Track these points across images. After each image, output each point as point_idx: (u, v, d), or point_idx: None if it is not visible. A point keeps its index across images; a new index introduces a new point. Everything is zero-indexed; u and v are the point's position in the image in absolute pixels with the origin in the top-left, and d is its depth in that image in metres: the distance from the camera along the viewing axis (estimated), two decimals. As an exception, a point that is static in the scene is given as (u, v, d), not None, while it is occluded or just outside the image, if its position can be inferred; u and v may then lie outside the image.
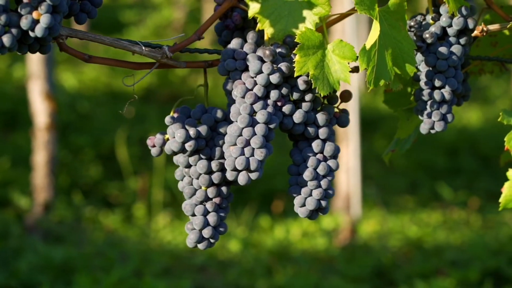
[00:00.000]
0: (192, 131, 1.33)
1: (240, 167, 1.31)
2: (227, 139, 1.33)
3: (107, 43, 1.31)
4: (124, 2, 10.75)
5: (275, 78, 1.31)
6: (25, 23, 1.18)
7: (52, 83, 4.73)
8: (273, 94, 1.33)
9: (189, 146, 1.33)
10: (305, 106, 1.36)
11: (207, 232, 1.38)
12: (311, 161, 1.37)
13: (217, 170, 1.35)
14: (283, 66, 1.32)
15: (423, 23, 1.45)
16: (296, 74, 1.30)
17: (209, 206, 1.38)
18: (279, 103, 1.34)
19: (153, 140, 1.38)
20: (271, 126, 1.32)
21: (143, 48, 1.32)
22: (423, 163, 6.62)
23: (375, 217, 5.30)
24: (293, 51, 1.31)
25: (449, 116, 1.45)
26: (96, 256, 4.25)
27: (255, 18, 1.34)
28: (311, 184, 1.37)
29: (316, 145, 1.38)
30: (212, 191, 1.37)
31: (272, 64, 1.32)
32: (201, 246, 1.39)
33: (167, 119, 1.37)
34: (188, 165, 1.36)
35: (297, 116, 1.35)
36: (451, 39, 1.43)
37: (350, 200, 4.95)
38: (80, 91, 7.47)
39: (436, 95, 1.44)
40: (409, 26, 1.46)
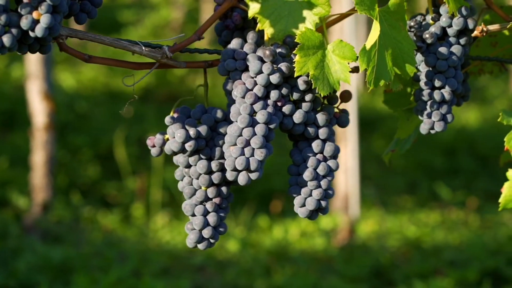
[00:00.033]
0: (192, 131, 1.33)
1: (240, 167, 1.31)
2: (227, 139, 1.32)
3: (107, 43, 1.31)
4: (122, 2, 10.75)
5: (275, 78, 1.31)
6: (25, 23, 1.18)
7: (51, 83, 4.73)
8: (273, 94, 1.33)
9: (189, 146, 1.33)
10: (305, 106, 1.36)
11: (207, 232, 1.38)
12: (311, 161, 1.37)
13: (217, 170, 1.35)
14: (283, 66, 1.32)
15: (423, 23, 1.45)
16: (296, 74, 1.30)
17: (209, 206, 1.38)
18: (279, 103, 1.34)
19: (153, 140, 1.37)
20: (271, 126, 1.32)
21: (143, 48, 1.32)
22: (422, 163, 6.62)
23: (374, 217, 5.30)
24: (293, 51, 1.31)
25: (449, 116, 1.45)
26: (95, 256, 4.25)
27: (255, 18, 1.34)
28: (311, 184, 1.37)
29: (316, 145, 1.38)
30: (212, 191, 1.37)
31: (272, 64, 1.32)
32: (201, 246, 1.39)
33: (167, 119, 1.37)
34: (188, 165, 1.36)
35: (297, 116, 1.35)
36: (451, 39, 1.43)
37: (349, 200, 4.95)
38: (78, 91, 7.46)
39: (436, 95, 1.44)
40: (409, 26, 1.46)
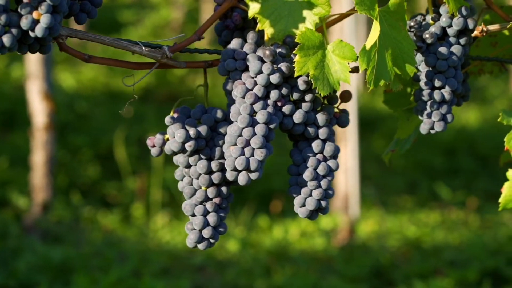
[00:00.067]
0: (192, 131, 1.33)
1: (240, 167, 1.31)
2: (227, 139, 1.32)
3: (107, 43, 1.31)
4: (122, 2, 10.75)
5: (275, 78, 1.31)
6: (25, 23, 1.18)
7: (51, 83, 4.73)
8: (273, 94, 1.33)
9: (189, 146, 1.33)
10: (305, 106, 1.35)
11: (207, 232, 1.38)
12: (311, 161, 1.37)
13: (217, 170, 1.35)
14: (283, 66, 1.32)
15: (423, 23, 1.45)
16: (296, 74, 1.30)
17: (209, 206, 1.38)
18: (279, 103, 1.34)
19: (153, 140, 1.37)
20: (271, 126, 1.32)
21: (143, 48, 1.32)
22: (422, 163, 6.62)
23: (374, 217, 5.30)
24: (293, 51, 1.31)
25: (449, 116, 1.45)
26: (95, 256, 4.25)
27: (255, 18, 1.34)
28: (311, 184, 1.37)
29: (316, 145, 1.37)
30: (212, 191, 1.37)
31: (272, 64, 1.32)
32: (201, 246, 1.39)
33: (167, 119, 1.37)
34: (188, 165, 1.36)
35: (297, 116, 1.35)
36: (451, 39, 1.43)
37: (349, 200, 4.95)
38: (78, 91, 7.46)
39: (436, 95, 1.44)
40: (409, 26, 1.45)
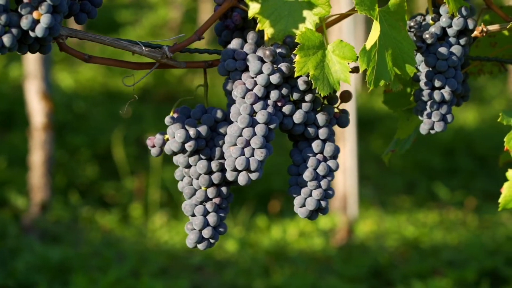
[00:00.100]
0: (192, 131, 1.33)
1: (240, 168, 1.31)
2: (227, 139, 1.32)
3: (107, 43, 1.31)
4: (120, 2, 10.74)
5: (275, 79, 1.31)
6: (26, 23, 1.18)
7: (49, 83, 4.72)
8: (273, 95, 1.33)
9: (189, 146, 1.33)
10: (305, 107, 1.35)
11: (207, 233, 1.38)
12: (311, 162, 1.37)
13: (217, 171, 1.35)
14: (283, 67, 1.32)
15: (423, 24, 1.45)
16: (296, 75, 1.30)
17: (209, 207, 1.38)
18: (279, 104, 1.34)
19: (153, 140, 1.37)
20: (271, 127, 1.32)
21: (143, 48, 1.32)
22: (420, 163, 6.62)
23: (372, 217, 5.30)
24: (293, 52, 1.31)
25: (449, 117, 1.45)
26: (93, 256, 4.25)
27: (255, 18, 1.34)
28: (311, 185, 1.37)
29: (316, 146, 1.37)
30: (212, 191, 1.37)
31: (272, 65, 1.32)
32: (201, 247, 1.39)
33: (167, 119, 1.37)
34: (188, 165, 1.36)
35: (297, 117, 1.35)
36: (451, 40, 1.43)
37: (347, 200, 4.95)
38: (77, 91, 7.46)
39: (436, 96, 1.44)
40: (409, 27, 1.46)
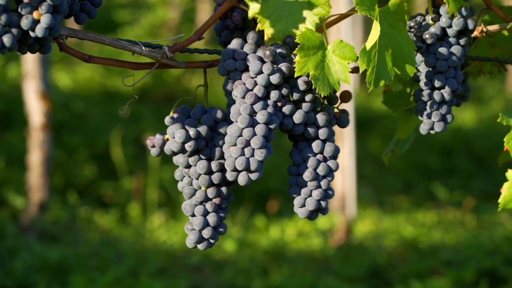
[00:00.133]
0: (192, 132, 1.33)
1: (240, 168, 1.31)
2: (227, 140, 1.32)
3: (107, 43, 1.30)
4: (119, 2, 10.74)
5: (276, 79, 1.31)
6: (26, 23, 1.18)
7: (47, 83, 4.72)
8: (273, 95, 1.33)
9: (189, 147, 1.33)
10: (305, 107, 1.35)
11: (207, 233, 1.38)
12: (311, 162, 1.37)
13: (217, 171, 1.35)
14: (284, 67, 1.32)
15: (423, 24, 1.45)
16: (297, 75, 1.30)
17: (209, 207, 1.38)
18: (279, 104, 1.34)
19: (153, 141, 1.37)
20: (271, 127, 1.32)
21: (143, 48, 1.32)
22: (418, 163, 6.63)
23: (370, 217, 5.30)
24: (294, 52, 1.31)
25: (449, 117, 1.45)
26: (92, 256, 4.24)
27: (255, 19, 1.34)
28: (311, 185, 1.37)
29: (316, 146, 1.37)
30: (212, 192, 1.37)
31: (273, 65, 1.32)
32: (201, 247, 1.39)
33: (167, 119, 1.37)
34: (188, 166, 1.36)
35: (297, 117, 1.35)
36: (451, 40, 1.43)
37: (345, 200, 4.95)
38: (75, 91, 7.45)
39: (436, 96, 1.44)
40: (409, 27, 1.46)
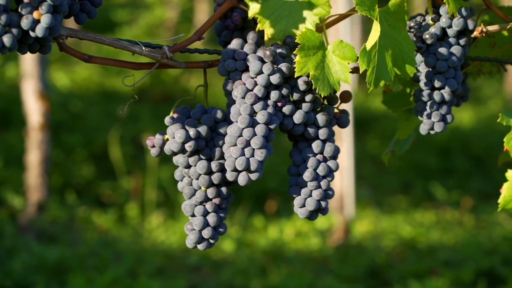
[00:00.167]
0: (192, 132, 1.33)
1: (240, 168, 1.31)
2: (227, 140, 1.32)
3: (107, 43, 1.30)
4: (117, 2, 10.73)
5: (276, 79, 1.31)
6: (26, 23, 1.18)
7: (46, 83, 4.71)
8: (274, 95, 1.33)
9: (189, 147, 1.33)
10: (305, 107, 1.35)
11: (207, 233, 1.38)
12: (311, 162, 1.37)
13: (217, 171, 1.35)
14: (284, 67, 1.32)
15: (423, 24, 1.46)
16: (297, 75, 1.30)
17: (209, 207, 1.38)
18: (279, 104, 1.34)
19: (153, 141, 1.37)
20: (271, 127, 1.32)
21: (143, 49, 1.32)
22: (416, 163, 6.63)
23: (369, 217, 5.30)
24: (294, 52, 1.31)
25: (449, 117, 1.45)
26: (90, 256, 4.24)
27: (255, 19, 1.34)
28: (311, 185, 1.37)
29: (316, 146, 1.37)
30: (212, 192, 1.37)
31: (273, 65, 1.31)
32: (201, 247, 1.39)
33: (167, 120, 1.37)
34: (188, 166, 1.36)
35: (297, 117, 1.35)
36: (451, 40, 1.43)
37: (344, 200, 4.95)
38: (73, 91, 7.45)
39: (436, 96, 1.44)
40: (409, 27, 1.46)
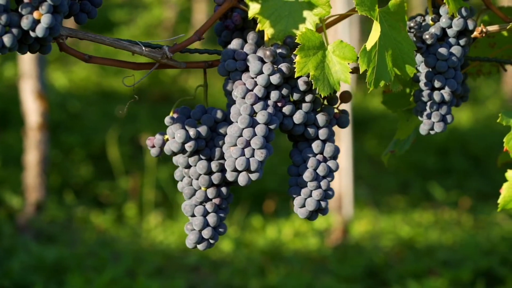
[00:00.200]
0: (192, 132, 1.33)
1: (241, 168, 1.31)
2: (227, 140, 1.32)
3: (107, 43, 1.30)
4: (115, 1, 10.73)
5: (276, 79, 1.31)
6: (26, 23, 1.18)
7: (44, 83, 4.71)
8: (274, 95, 1.33)
9: (189, 147, 1.33)
10: (305, 107, 1.35)
11: (207, 233, 1.38)
12: (311, 162, 1.37)
13: (217, 171, 1.35)
14: (284, 67, 1.32)
15: (423, 24, 1.46)
16: (297, 75, 1.30)
17: (209, 207, 1.38)
18: (280, 104, 1.34)
19: (153, 141, 1.37)
20: (272, 127, 1.32)
21: (143, 49, 1.32)
22: (414, 163, 6.63)
23: (367, 217, 5.30)
24: (294, 52, 1.31)
25: (449, 117, 1.46)
26: (88, 256, 4.24)
27: (255, 19, 1.34)
28: (311, 185, 1.37)
29: (316, 146, 1.38)
30: (212, 192, 1.37)
31: (273, 65, 1.31)
32: (201, 247, 1.39)
33: (167, 120, 1.37)
34: (188, 166, 1.36)
35: (297, 117, 1.35)
36: (451, 40, 1.43)
37: (342, 200, 4.95)
38: (71, 91, 7.44)
39: (436, 96, 1.44)
40: (409, 27, 1.46)
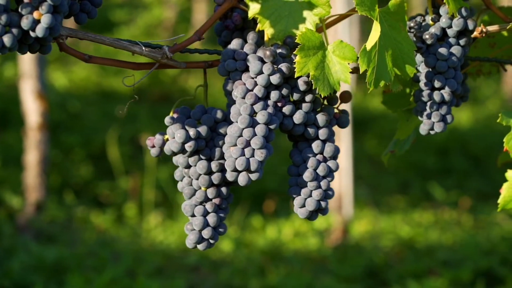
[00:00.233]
0: (192, 132, 1.33)
1: (241, 168, 1.31)
2: (227, 140, 1.32)
3: (108, 43, 1.30)
4: (115, 1, 10.73)
5: (276, 79, 1.31)
6: (26, 23, 1.18)
7: (44, 83, 4.71)
8: (274, 95, 1.33)
9: (189, 147, 1.33)
10: (305, 107, 1.35)
11: (207, 233, 1.38)
12: (311, 162, 1.37)
13: (217, 171, 1.35)
14: (284, 67, 1.32)
15: (423, 24, 1.46)
16: (297, 75, 1.30)
17: (209, 207, 1.38)
18: (280, 104, 1.34)
19: (153, 141, 1.37)
20: (272, 127, 1.32)
21: (143, 49, 1.32)
22: (414, 163, 6.63)
23: (367, 217, 5.30)
24: (294, 52, 1.31)
25: (449, 117, 1.46)
26: (88, 256, 4.24)
27: (255, 19, 1.34)
28: (311, 185, 1.37)
29: (316, 146, 1.38)
30: (212, 192, 1.37)
31: (273, 65, 1.32)
32: (201, 247, 1.39)
33: (167, 120, 1.37)
34: (188, 166, 1.36)
35: (297, 117, 1.35)
36: (451, 40, 1.43)
37: (342, 200, 4.95)
38: (71, 91, 7.44)
39: (436, 96, 1.44)
40: (409, 27, 1.46)
